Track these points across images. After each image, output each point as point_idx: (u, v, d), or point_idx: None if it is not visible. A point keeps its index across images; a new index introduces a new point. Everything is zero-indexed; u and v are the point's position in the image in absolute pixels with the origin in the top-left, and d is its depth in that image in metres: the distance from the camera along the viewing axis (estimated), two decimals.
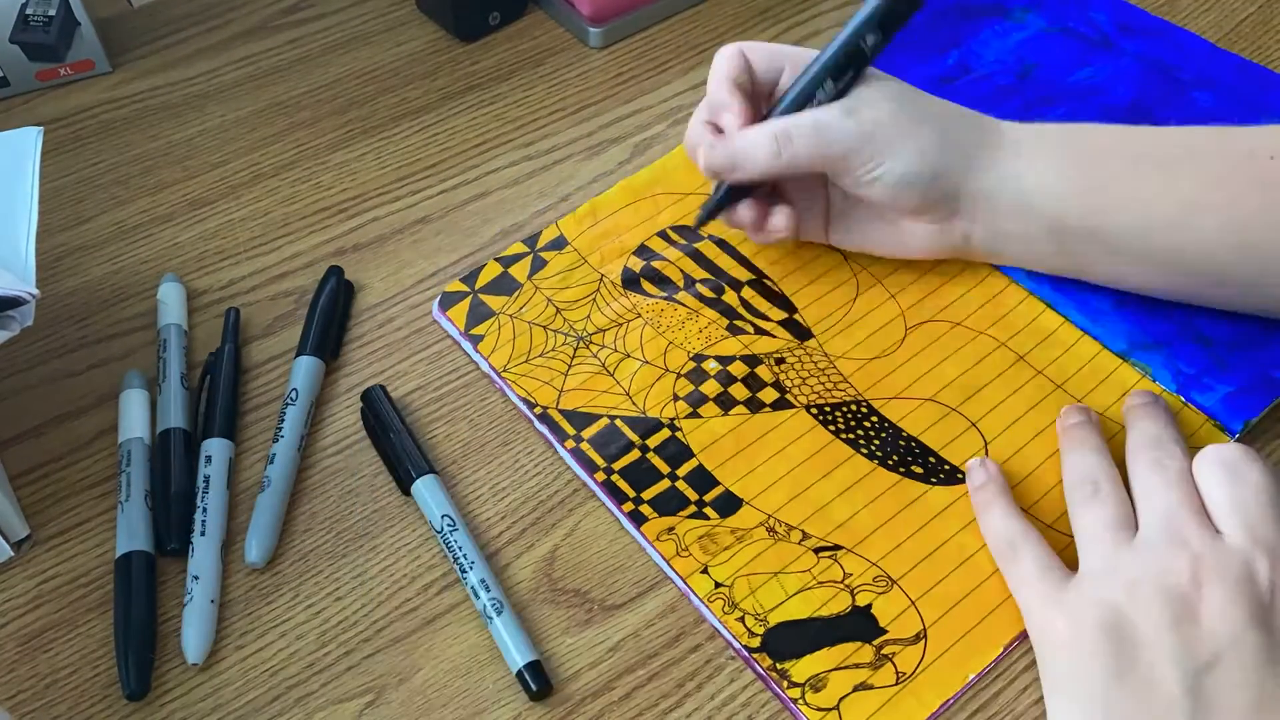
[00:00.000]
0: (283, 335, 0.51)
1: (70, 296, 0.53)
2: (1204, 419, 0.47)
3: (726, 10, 0.66)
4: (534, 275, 0.52)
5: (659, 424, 0.47)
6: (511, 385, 0.48)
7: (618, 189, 0.55)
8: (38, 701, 0.41)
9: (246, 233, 0.55)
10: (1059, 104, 0.58)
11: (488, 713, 0.40)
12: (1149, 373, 0.48)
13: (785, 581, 0.43)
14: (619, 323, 0.50)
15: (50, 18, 0.60)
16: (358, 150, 0.59)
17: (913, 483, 0.45)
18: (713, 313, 0.50)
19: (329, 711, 0.41)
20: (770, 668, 0.41)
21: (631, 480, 0.45)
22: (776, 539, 0.44)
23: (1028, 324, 0.50)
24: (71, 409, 0.49)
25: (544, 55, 0.64)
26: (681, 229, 0.54)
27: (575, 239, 0.53)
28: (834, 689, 0.40)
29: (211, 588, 0.42)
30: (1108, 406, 0.47)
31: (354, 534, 0.45)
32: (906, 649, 0.41)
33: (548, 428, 0.47)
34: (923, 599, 0.42)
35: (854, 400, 0.48)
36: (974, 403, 0.47)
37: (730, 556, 0.43)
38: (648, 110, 0.60)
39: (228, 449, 0.46)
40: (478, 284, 0.52)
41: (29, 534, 0.45)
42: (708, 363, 0.49)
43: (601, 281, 0.52)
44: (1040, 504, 0.44)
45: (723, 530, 0.44)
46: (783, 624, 0.42)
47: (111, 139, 0.60)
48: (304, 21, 0.66)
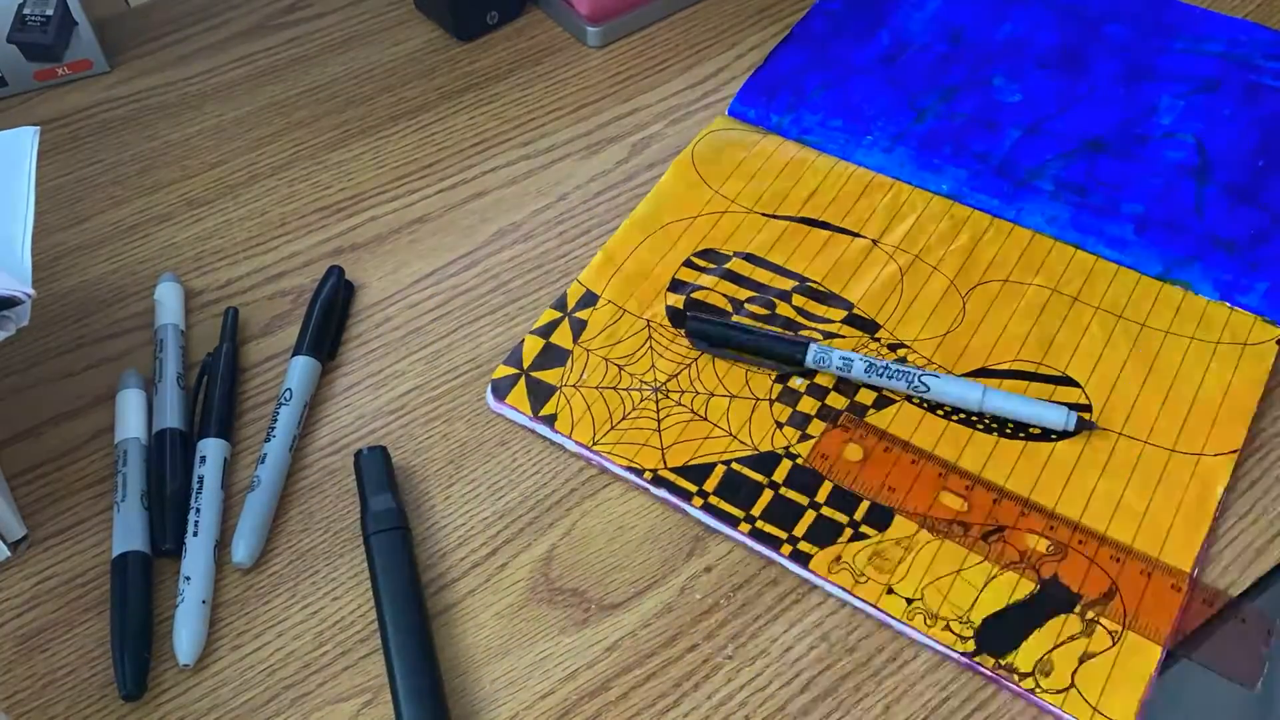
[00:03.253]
0: (280, 335, 0.51)
1: (67, 296, 0.53)
2: (1253, 318, 0.49)
3: (725, 9, 0.65)
4: (579, 339, 0.49)
5: (776, 456, 0.46)
6: (609, 457, 0.46)
7: (625, 229, 0.54)
8: (35, 701, 0.41)
9: (244, 232, 0.55)
10: (999, 62, 0.60)
11: (485, 712, 0.40)
12: (1190, 287, 0.50)
13: (970, 577, 0.42)
14: (686, 363, 0.48)
15: (48, 17, 0.60)
16: (355, 150, 0.59)
17: (1036, 444, 0.46)
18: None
19: (326, 711, 0.41)
20: (995, 666, 0.40)
21: (777, 521, 0.44)
22: (942, 537, 0.43)
23: (1066, 266, 0.51)
24: (68, 409, 0.49)
25: (542, 54, 0.64)
26: (705, 253, 0.52)
27: (604, 290, 0.51)
28: (1062, 668, 0.40)
29: (203, 588, 0.42)
30: (1170, 323, 0.49)
31: (351, 533, 0.45)
32: (1107, 606, 0.41)
33: (667, 491, 0.45)
34: (1098, 554, 0.42)
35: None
36: (1054, 352, 0.48)
37: (907, 570, 0.42)
38: (646, 109, 0.60)
39: (223, 449, 0.46)
40: (525, 363, 0.49)
41: (26, 534, 0.45)
42: (793, 380, 0.48)
43: (650, 326, 0.50)
44: (1156, 430, 0.46)
45: (888, 544, 0.43)
46: (986, 620, 0.41)
47: (109, 139, 0.60)
48: (301, 21, 0.66)
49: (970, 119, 0.57)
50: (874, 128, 0.57)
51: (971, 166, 0.55)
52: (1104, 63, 0.59)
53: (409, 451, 0.47)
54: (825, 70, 0.60)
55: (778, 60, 0.61)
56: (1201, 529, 0.43)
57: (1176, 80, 0.58)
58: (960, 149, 0.56)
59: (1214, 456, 0.45)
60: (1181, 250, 0.51)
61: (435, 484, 0.46)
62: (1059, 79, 0.59)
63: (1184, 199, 0.53)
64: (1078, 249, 0.52)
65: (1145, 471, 0.45)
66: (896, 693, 0.40)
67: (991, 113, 0.58)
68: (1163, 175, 0.54)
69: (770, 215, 0.54)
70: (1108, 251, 0.52)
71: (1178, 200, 0.53)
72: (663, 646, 0.42)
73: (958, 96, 0.58)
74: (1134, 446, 0.45)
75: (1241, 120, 0.56)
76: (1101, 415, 0.46)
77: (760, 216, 0.54)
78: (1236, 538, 0.44)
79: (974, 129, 0.57)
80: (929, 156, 0.56)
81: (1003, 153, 0.56)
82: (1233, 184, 0.53)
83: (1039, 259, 0.52)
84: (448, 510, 0.46)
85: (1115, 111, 0.57)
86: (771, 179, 0.56)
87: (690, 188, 0.55)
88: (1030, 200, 0.54)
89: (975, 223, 0.53)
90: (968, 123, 0.57)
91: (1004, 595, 0.42)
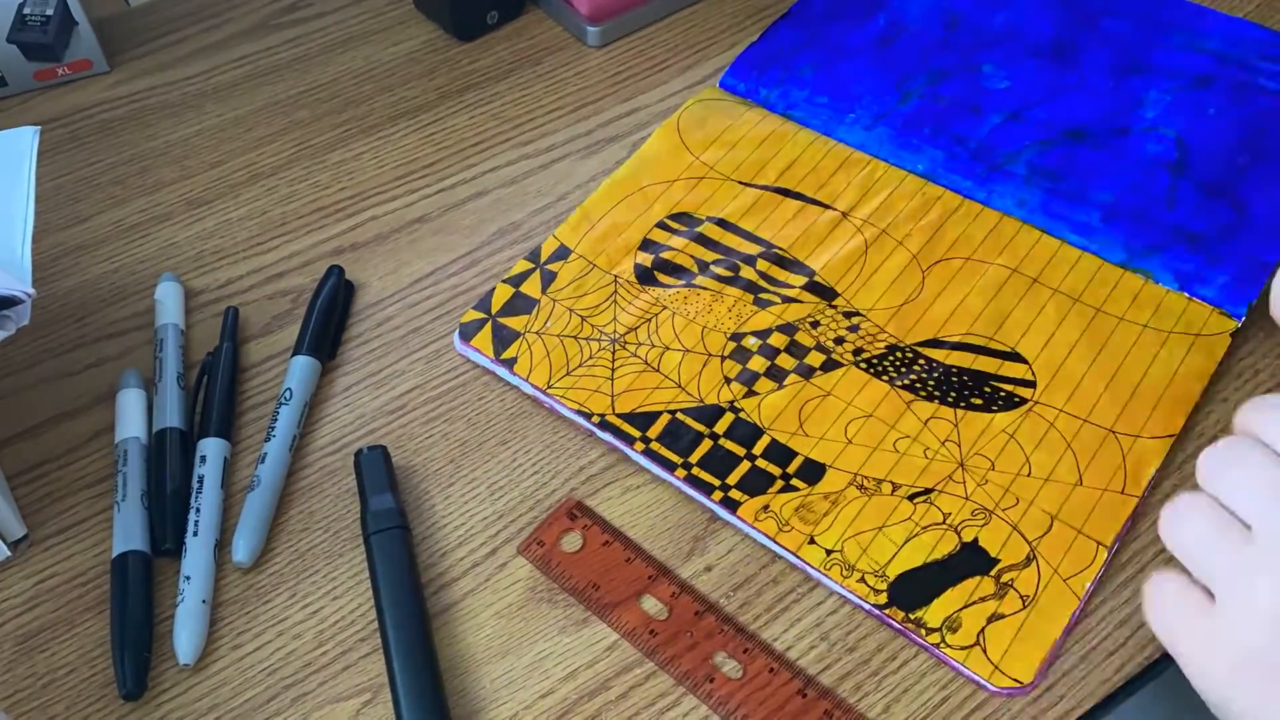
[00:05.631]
0: (280, 335, 0.51)
1: (68, 296, 0.53)
2: (1210, 309, 0.49)
3: (725, 9, 0.66)
4: (548, 289, 0.51)
5: (720, 409, 0.47)
6: (562, 400, 0.47)
7: (605, 188, 0.56)
8: (35, 701, 0.41)
9: (244, 232, 0.55)
10: (992, 49, 0.60)
11: (486, 711, 0.40)
12: (1151, 276, 0.50)
13: (891, 534, 0.43)
14: (647, 318, 0.50)
15: (48, 17, 0.60)
16: (355, 149, 0.59)
17: (976, 414, 0.46)
18: (736, 290, 0.51)
19: (326, 711, 0.41)
20: (905, 620, 0.41)
21: (712, 469, 0.45)
22: (869, 495, 0.44)
23: (1030, 249, 0.52)
24: (69, 409, 0.49)
25: (542, 54, 0.64)
26: (679, 216, 0.54)
27: (577, 245, 0.53)
28: (970, 626, 0.41)
29: (203, 588, 0.42)
30: (1126, 309, 0.49)
31: (351, 533, 0.45)
32: (1023, 572, 0.42)
33: (611, 434, 0.46)
34: (1022, 521, 0.43)
35: (897, 346, 0.48)
36: (1007, 328, 0.49)
37: (831, 522, 0.44)
38: (646, 109, 0.60)
39: (223, 449, 0.46)
40: (494, 309, 0.51)
41: (26, 534, 0.45)
42: (747, 339, 0.49)
43: (616, 282, 0.52)
44: (1097, 410, 0.46)
45: (815, 497, 0.44)
46: (902, 575, 0.42)
47: (109, 138, 0.60)
48: (301, 21, 0.66)
49: (954, 102, 0.58)
50: (858, 106, 0.58)
51: (949, 149, 0.56)
52: (1096, 55, 0.59)
53: (409, 451, 0.47)
54: (818, 49, 0.60)
55: (773, 36, 0.62)
56: (1128, 506, 0.44)
57: (1167, 75, 0.58)
58: (940, 130, 0.56)
59: (1150, 439, 0.45)
60: (1146, 240, 0.52)
61: (435, 484, 0.46)
62: (1049, 69, 0.59)
63: (1156, 191, 0.53)
64: (1044, 233, 0.52)
65: (1081, 447, 0.45)
66: (896, 692, 0.40)
67: (977, 98, 0.58)
68: (1139, 167, 0.54)
69: (746, 184, 0.55)
70: (1073, 237, 0.52)
71: (1150, 192, 0.53)
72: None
73: (945, 80, 0.59)
74: (1073, 423, 0.46)
75: (1227, 118, 0.56)
76: (1045, 392, 0.47)
77: (737, 184, 0.55)
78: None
79: (957, 112, 0.57)
80: (909, 136, 0.56)
81: (981, 137, 0.56)
82: (1208, 180, 0.53)
83: (1004, 240, 0.52)
84: (448, 510, 0.46)
85: (1101, 103, 0.57)
86: (752, 149, 0.56)
87: (672, 153, 0.57)
88: (1003, 183, 0.54)
89: (946, 202, 0.54)
90: (951, 106, 0.58)
91: (923, 554, 0.43)
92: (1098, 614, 0.42)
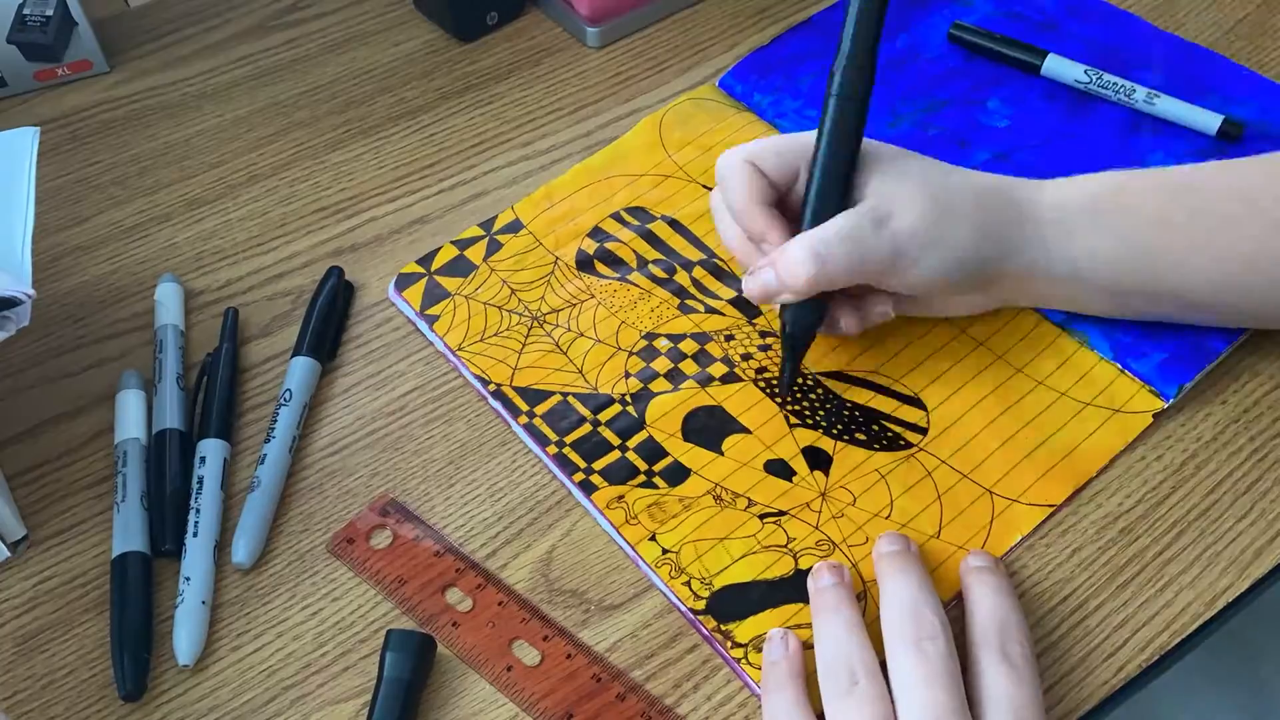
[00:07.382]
0: (280, 335, 0.51)
1: (67, 297, 0.53)
2: (1139, 385, 0.47)
3: (724, 9, 0.65)
4: (489, 258, 0.53)
5: (610, 399, 0.48)
6: (466, 363, 0.49)
7: (573, 172, 0.56)
8: (34, 702, 0.41)
9: (244, 233, 0.55)
10: (1004, 85, 0.59)
11: (485, 713, 0.40)
12: (1086, 341, 0.49)
13: (731, 547, 0.44)
14: (573, 303, 0.51)
15: (48, 18, 0.60)
16: (355, 150, 0.59)
17: (855, 449, 0.46)
18: (664, 293, 0.51)
19: (326, 712, 0.41)
20: (715, 629, 0.41)
21: (582, 452, 0.46)
22: (723, 506, 0.45)
23: None
24: (68, 409, 0.49)
25: (542, 55, 0.64)
26: (635, 210, 0.54)
27: (531, 222, 0.54)
28: None
29: (203, 589, 0.42)
30: (1048, 374, 0.48)
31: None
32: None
33: (501, 404, 0.48)
34: (863, 561, 0.43)
35: (800, 373, 0.48)
36: (916, 374, 0.49)
37: (678, 524, 0.44)
38: (646, 110, 0.60)
39: (223, 449, 0.46)
40: (433, 266, 0.52)
41: (26, 534, 0.45)
42: (659, 340, 0.50)
43: (556, 264, 0.53)
44: (981, 469, 0.45)
45: (671, 499, 0.45)
46: (728, 587, 0.42)
47: (109, 139, 0.60)
48: (301, 21, 0.66)
49: (945, 133, 0.57)
50: None
51: None
52: (1111, 110, 0.57)
53: (409, 451, 0.47)
54: (824, 60, 0.60)
55: (784, 43, 0.61)
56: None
57: (1179, 139, 0.56)
58: None
59: (1027, 505, 0.44)
60: None
61: (435, 484, 0.46)
62: (1056, 115, 0.57)
63: None
64: None
65: (950, 501, 0.45)
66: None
67: (968, 132, 0.57)
68: None
69: (709, 188, 0.55)
70: None
71: None
72: (662, 647, 0.42)
73: (943, 110, 0.58)
74: (951, 476, 0.45)
75: None
76: (933, 441, 0.46)
77: (700, 188, 0.55)
78: (1236, 539, 0.44)
79: (943, 143, 0.56)
80: None
81: None
82: None
83: None
84: (448, 510, 0.46)
85: (1098, 158, 0.55)
86: None
87: (647, 147, 0.57)
88: None
89: None
90: (939, 136, 0.56)
91: (755, 571, 0.43)
92: (1097, 615, 0.42)
